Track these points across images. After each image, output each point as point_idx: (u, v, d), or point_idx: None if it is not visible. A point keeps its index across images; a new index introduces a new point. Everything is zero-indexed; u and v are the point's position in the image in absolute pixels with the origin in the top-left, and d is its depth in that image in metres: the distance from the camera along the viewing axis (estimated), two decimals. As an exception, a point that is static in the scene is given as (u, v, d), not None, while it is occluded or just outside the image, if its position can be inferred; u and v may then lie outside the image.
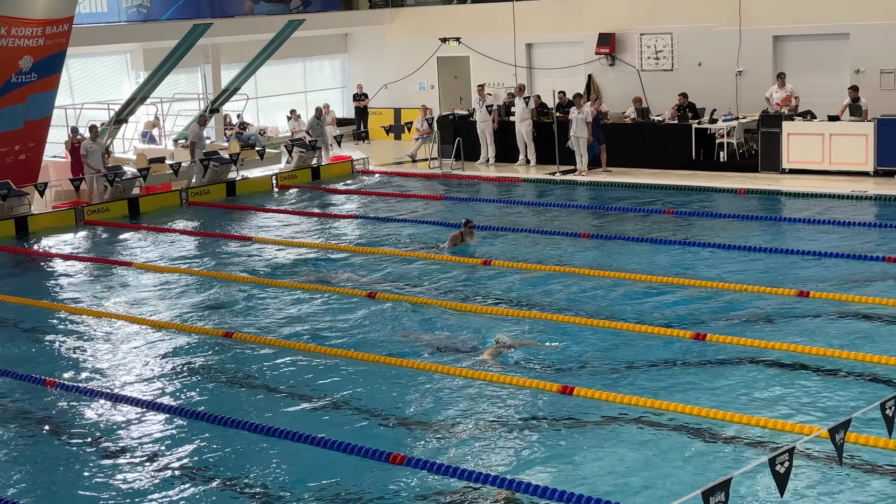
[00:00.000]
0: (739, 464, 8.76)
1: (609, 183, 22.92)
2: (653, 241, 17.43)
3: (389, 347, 12.68)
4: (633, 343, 12.34)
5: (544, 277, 15.46)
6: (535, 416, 10.38)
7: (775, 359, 11.50)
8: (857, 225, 17.75)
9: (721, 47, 25.73)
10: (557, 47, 28.65)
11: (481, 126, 26.11)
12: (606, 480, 8.88)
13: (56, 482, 9.59)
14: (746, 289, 14.23)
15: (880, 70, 23.65)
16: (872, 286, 14.07)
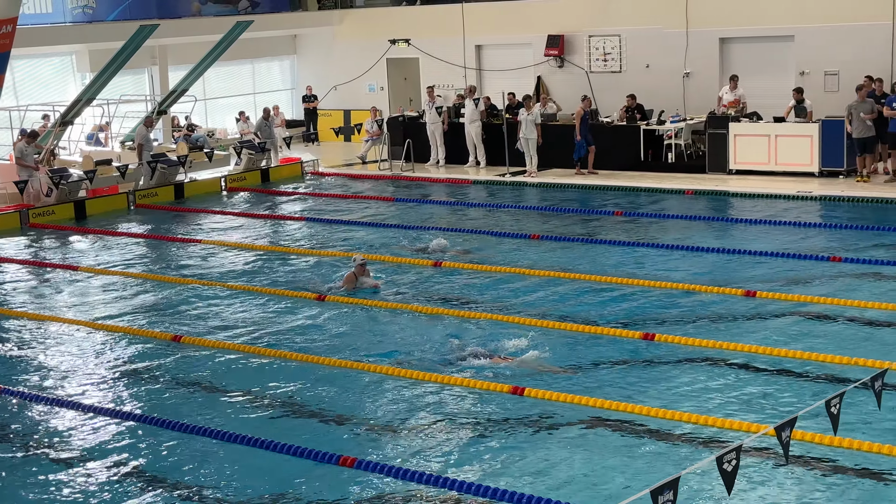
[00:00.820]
0: (688, 463, 8.83)
1: (558, 184, 23.02)
2: (602, 242, 17.53)
3: (338, 350, 12.63)
4: (583, 344, 12.40)
5: (494, 279, 15.49)
6: (486, 418, 10.38)
7: (723, 358, 11.61)
8: (803, 225, 17.96)
9: (668, 49, 25.94)
10: (507, 49, 28.74)
11: (431, 128, 26.12)
12: (557, 480, 8.91)
13: (1, 488, 9.46)
14: (694, 288, 14.35)
15: (824, 72, 23.97)
16: (818, 285, 14.24)
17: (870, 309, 13.00)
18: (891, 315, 12.75)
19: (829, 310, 13.15)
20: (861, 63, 22.92)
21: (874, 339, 12.06)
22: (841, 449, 9.02)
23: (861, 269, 14.90)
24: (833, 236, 17.18)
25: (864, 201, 19.47)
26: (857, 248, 16.10)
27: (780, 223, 18.20)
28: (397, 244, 17.76)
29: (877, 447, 8.94)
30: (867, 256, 15.49)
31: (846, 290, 13.95)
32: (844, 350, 11.54)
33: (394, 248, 17.67)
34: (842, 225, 17.75)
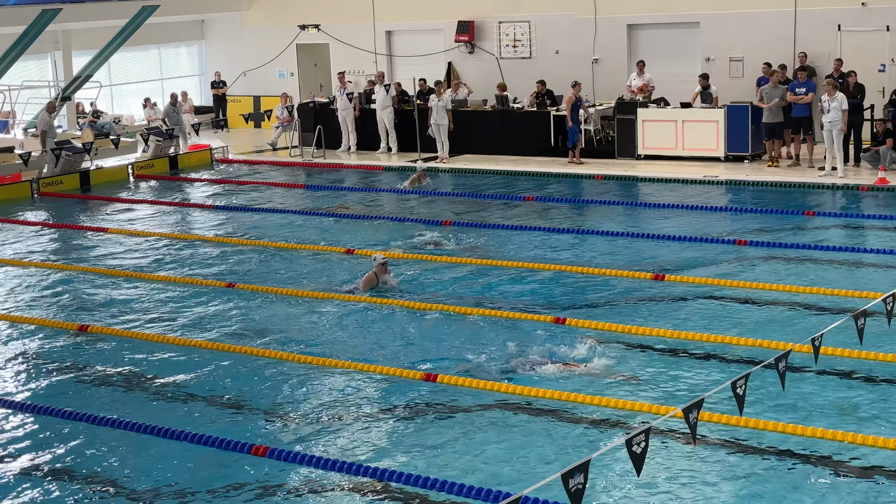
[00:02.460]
0: (599, 446, 8.94)
1: (469, 170, 23.08)
2: (513, 228, 17.62)
3: (250, 338, 12.52)
4: (495, 329, 12.45)
5: (406, 266, 15.48)
6: (398, 404, 10.38)
7: (633, 341, 11.76)
8: (710, 209, 18.27)
9: (577, 35, 26.13)
10: (417, 35, 28.69)
11: (342, 114, 25.98)
12: (469, 465, 8.95)
13: None
14: (605, 272, 14.50)
15: (729, 58, 24.36)
16: (724, 268, 14.49)
17: (775, 291, 13.27)
18: (795, 297, 13.03)
19: (736, 292, 13.38)
20: (764, 49, 23.35)
21: (779, 320, 12.31)
22: (747, 429, 9.20)
23: (766, 253, 15.19)
24: (738, 220, 17.50)
25: (768, 185, 19.86)
26: (761, 232, 16.42)
27: (687, 207, 18.48)
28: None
29: (781, 426, 9.14)
30: (772, 240, 15.80)
31: (752, 273, 14.22)
32: (750, 332, 11.76)
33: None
34: (747, 209, 18.09)
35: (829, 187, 19.46)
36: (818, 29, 23.17)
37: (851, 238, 16.21)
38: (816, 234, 16.30)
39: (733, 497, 8.17)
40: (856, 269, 14.27)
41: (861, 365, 10.55)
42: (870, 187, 18.99)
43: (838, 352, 10.64)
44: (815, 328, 10.74)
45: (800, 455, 8.76)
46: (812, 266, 14.44)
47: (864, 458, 8.65)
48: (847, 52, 22.45)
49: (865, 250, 15.11)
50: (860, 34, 22.83)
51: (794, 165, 21.38)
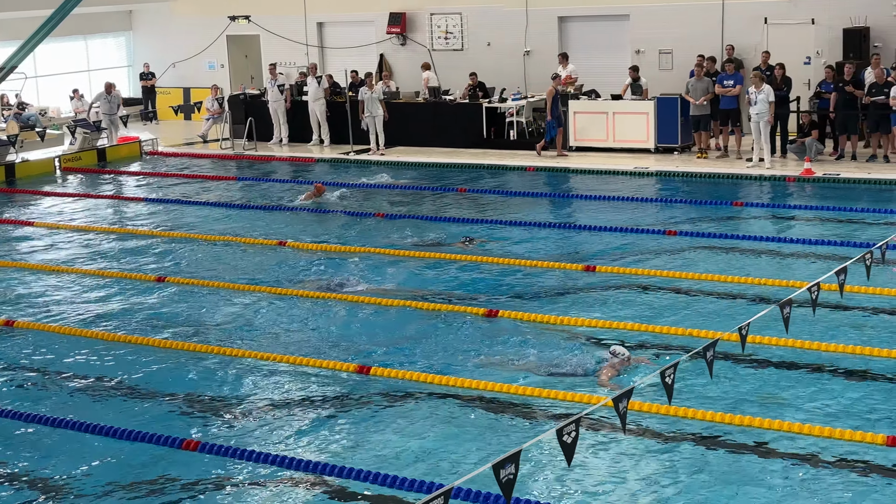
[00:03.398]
0: (530, 436, 8.98)
1: (403, 162, 23.04)
2: (446, 220, 17.63)
3: (181, 332, 12.39)
4: (427, 320, 12.46)
5: (338, 257, 15.43)
6: (333, 397, 10.35)
7: (564, 332, 11.83)
8: (640, 200, 18.44)
9: (509, 27, 26.20)
10: (349, 26, 28.57)
11: (273, 106, 25.79)
12: (402, 457, 8.95)
13: None
14: (536, 264, 14.58)
15: (659, 50, 24.59)
16: (655, 259, 14.64)
17: (704, 281, 13.43)
18: (723, 286, 13.20)
19: (666, 282, 13.53)
20: (693, 42, 23.60)
21: (709, 310, 12.46)
22: (676, 418, 9.31)
23: (695, 243, 15.37)
24: (668, 211, 17.68)
25: (697, 176, 20.09)
26: (691, 222, 16.61)
27: (618, 198, 18.63)
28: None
29: (710, 415, 9.26)
30: (701, 230, 15.99)
31: (681, 263, 14.38)
32: (679, 321, 11.90)
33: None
34: (677, 200, 18.28)
35: (756, 178, 19.75)
36: (745, 22, 23.48)
37: (778, 228, 16.47)
38: (744, 225, 16.54)
39: (664, 485, 8.27)
40: (782, 259, 14.50)
41: (787, 353, 10.72)
42: (796, 178, 19.29)
43: (765, 340, 10.81)
44: (742, 317, 10.88)
45: (728, 443, 8.89)
46: (740, 256, 14.65)
47: (791, 444, 8.79)
48: (774, 44, 22.77)
49: (791, 240, 15.36)
50: (786, 27, 23.18)
51: (723, 157, 21.65)
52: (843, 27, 22.28)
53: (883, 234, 13.79)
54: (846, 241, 14.83)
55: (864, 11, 22.27)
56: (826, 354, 10.67)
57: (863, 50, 21.87)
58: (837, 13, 22.52)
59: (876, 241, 12.24)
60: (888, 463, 8.40)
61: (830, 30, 22.59)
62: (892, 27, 22.19)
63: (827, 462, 8.47)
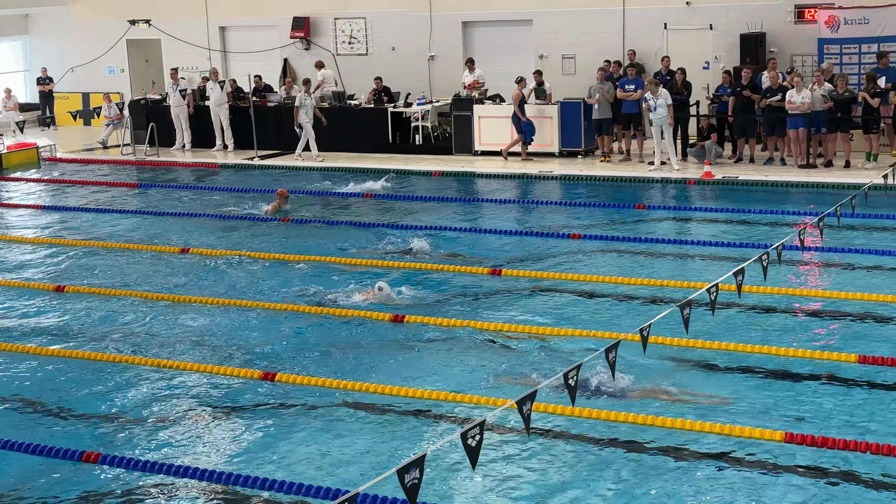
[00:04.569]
0: (436, 440, 8.98)
1: (309, 168, 22.91)
2: (351, 224, 17.56)
3: (81, 341, 12.14)
4: (334, 326, 12.39)
5: (241, 263, 15.27)
6: (238, 405, 10.23)
7: (470, 336, 11.85)
8: (545, 204, 18.58)
9: (414, 32, 26.24)
10: (252, 31, 28.33)
11: (175, 111, 25.45)
12: (307, 464, 8.88)
13: None
14: (442, 268, 14.59)
15: (562, 55, 24.84)
16: (560, 262, 14.76)
17: (607, 283, 13.58)
18: (626, 288, 13.36)
19: (571, 285, 13.65)
20: (595, 47, 23.88)
21: (612, 311, 12.60)
22: (581, 419, 9.39)
23: (599, 246, 15.54)
24: (572, 214, 17.85)
25: (601, 180, 20.32)
26: (595, 226, 16.79)
27: (523, 202, 18.76)
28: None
29: (613, 415, 9.36)
30: (605, 233, 16.17)
31: (586, 265, 14.52)
32: (583, 324, 12.01)
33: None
34: (581, 203, 18.48)
35: (658, 181, 20.05)
36: (646, 27, 23.83)
37: (679, 230, 16.75)
38: (647, 227, 16.77)
39: (568, 486, 8.33)
40: (683, 261, 14.74)
41: (688, 353, 10.89)
42: (696, 181, 19.63)
43: (667, 341, 10.97)
44: (644, 318, 11.02)
45: (631, 443, 8.99)
46: (642, 258, 14.85)
47: (692, 442, 8.92)
48: (673, 49, 23.17)
49: (692, 242, 15.63)
50: (685, 32, 23.59)
51: (626, 160, 21.94)
52: (740, 33, 22.74)
53: (780, 235, 14.10)
54: (745, 243, 15.13)
55: (761, 17, 22.77)
56: (725, 353, 10.86)
57: (759, 55, 22.36)
58: (734, 19, 22.99)
59: (773, 241, 12.50)
60: (787, 461, 8.58)
61: (728, 35, 23.05)
62: (787, 33, 22.73)
63: (729, 459, 8.61)
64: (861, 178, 17.79)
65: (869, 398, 9.64)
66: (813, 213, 15.64)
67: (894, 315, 11.90)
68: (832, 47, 22.00)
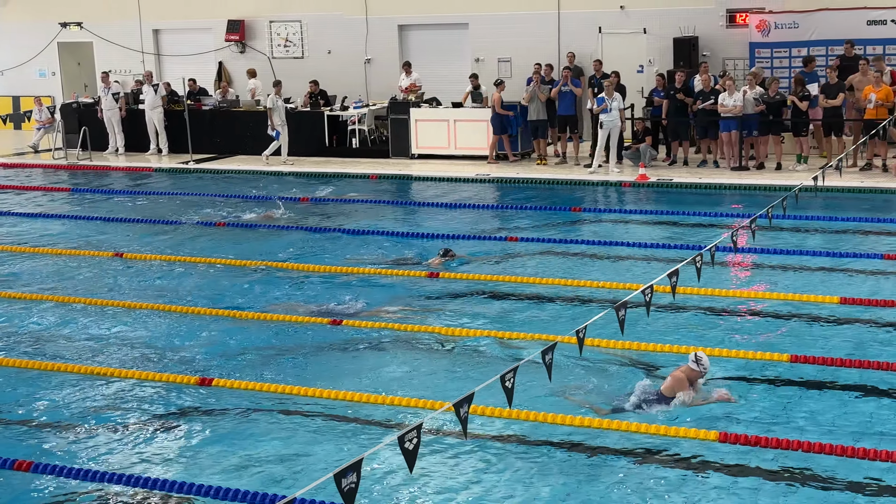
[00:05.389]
0: (373, 444, 8.96)
1: (244, 171, 22.77)
2: (288, 228, 17.48)
3: (10, 348, 11.93)
4: (271, 331, 12.31)
5: (173, 268, 15.13)
6: (173, 411, 10.13)
7: (408, 339, 11.85)
8: (482, 207, 18.65)
9: (349, 35, 26.19)
10: (186, 34, 28.09)
11: (107, 114, 25.16)
12: (244, 470, 8.81)
13: None
14: (378, 272, 14.58)
15: (498, 59, 24.94)
16: (497, 264, 14.80)
17: (544, 285, 13.65)
18: (563, 290, 13.43)
19: (508, 287, 13.70)
20: (531, 50, 24.02)
21: (547, 313, 12.66)
22: (520, 421, 9.43)
23: (536, 248, 15.62)
24: (508, 216, 17.93)
25: (537, 183, 20.43)
26: (532, 228, 16.88)
27: (460, 206, 18.81)
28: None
29: (550, 417, 9.41)
30: (541, 236, 16.27)
31: (523, 268, 14.58)
32: (520, 326, 12.06)
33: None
34: (518, 206, 18.56)
35: (593, 184, 20.21)
36: (581, 31, 24.02)
37: (614, 232, 16.87)
38: (582, 229, 16.89)
39: (506, 488, 8.36)
40: (618, 262, 14.86)
41: (623, 353, 10.98)
42: (631, 184, 19.82)
43: (603, 343, 11.05)
44: (581, 320, 11.09)
45: (568, 444, 9.04)
46: (578, 260, 14.95)
47: (628, 443, 9.00)
48: (608, 53, 23.37)
49: (627, 244, 15.76)
50: (620, 36, 23.81)
51: (562, 163, 22.08)
52: (673, 36, 23.01)
53: (713, 237, 14.27)
54: (679, 244, 15.30)
55: (693, 21, 23.06)
56: (660, 354, 10.96)
57: (692, 58, 22.64)
58: (667, 23, 23.25)
59: (707, 243, 12.65)
60: (722, 459, 8.68)
61: (661, 39, 23.30)
62: (719, 37, 23.04)
63: (664, 459, 8.70)
64: (792, 180, 18.08)
65: (801, 397, 9.78)
66: (745, 214, 15.86)
67: (825, 315, 12.10)
68: (763, 51, 22.35)
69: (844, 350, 10.93)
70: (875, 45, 21.38)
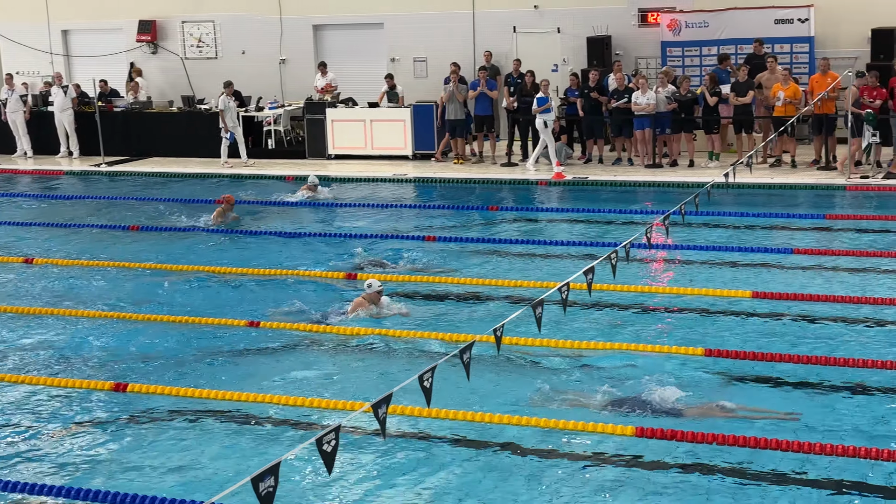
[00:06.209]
0: (292, 447, 8.90)
1: (159, 173, 22.46)
2: (206, 231, 17.25)
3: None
4: (186, 334, 12.17)
5: (88, 273, 14.87)
6: (89, 418, 9.95)
7: (326, 341, 11.79)
8: (400, 207, 18.63)
9: (263, 36, 25.95)
10: (96, 34, 27.55)
11: (12, 117, 24.60)
12: (165, 476, 8.70)
13: None
14: (299, 273, 14.48)
15: (413, 58, 24.93)
16: (415, 264, 14.79)
17: (464, 284, 13.67)
18: (481, 289, 13.47)
19: (427, 287, 13.71)
20: (447, 50, 24.04)
21: (465, 313, 12.69)
22: (439, 420, 9.43)
23: (454, 247, 15.64)
24: (427, 216, 17.94)
25: (455, 182, 20.47)
26: (449, 228, 16.90)
27: (378, 205, 18.76)
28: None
29: (470, 415, 9.44)
30: (459, 234, 16.30)
31: (440, 267, 14.58)
32: (437, 325, 12.07)
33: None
34: (435, 205, 18.58)
35: (510, 183, 20.32)
36: (495, 31, 24.10)
37: (531, 231, 16.98)
38: (500, 228, 16.97)
39: (426, 488, 8.36)
40: (535, 260, 14.95)
41: (541, 351, 11.06)
42: (548, 182, 19.95)
43: (522, 341, 11.11)
44: (498, 318, 11.14)
45: (487, 442, 9.08)
46: (496, 258, 15.01)
47: (544, 440, 9.06)
48: (523, 52, 23.49)
49: (544, 242, 15.87)
50: (534, 36, 23.96)
51: (479, 162, 22.15)
52: (586, 36, 23.20)
53: (629, 234, 14.43)
54: (595, 242, 15.45)
55: (606, 21, 23.28)
56: (576, 351, 11.05)
57: (605, 57, 22.85)
58: (581, 22, 23.44)
59: (622, 240, 12.78)
60: (640, 453, 8.78)
61: (575, 38, 23.48)
62: (631, 36, 23.29)
63: (579, 455, 8.78)
64: (704, 176, 18.35)
65: (717, 391, 9.92)
66: (659, 211, 16.06)
67: (737, 308, 12.31)
68: (674, 50, 22.66)
69: (756, 343, 11.13)
70: (783, 43, 21.80)
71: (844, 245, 15.05)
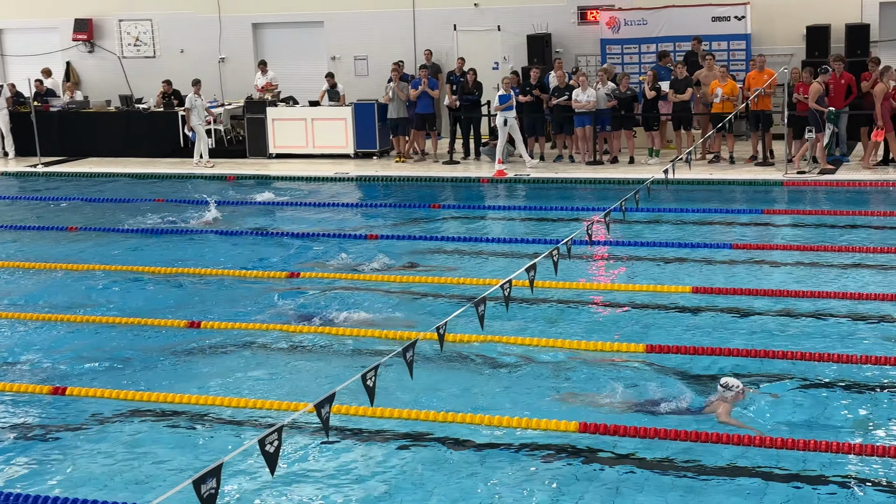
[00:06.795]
0: (234, 448, 8.83)
1: (94, 173, 22.20)
2: (143, 232, 17.09)
3: None
4: (127, 335, 12.03)
5: (22, 274, 14.66)
6: (25, 423, 9.79)
7: (268, 340, 11.72)
8: (341, 205, 18.57)
9: (202, 34, 25.78)
10: (30, 33, 27.20)
11: (-57, 118, 24.21)
12: (104, 480, 8.59)
13: None
14: (238, 274, 14.38)
15: (354, 57, 24.88)
16: (357, 263, 14.73)
17: (407, 283, 13.66)
18: (423, 287, 13.48)
19: (370, 285, 13.67)
20: (388, 48, 24.03)
21: (408, 311, 12.68)
22: (383, 419, 9.41)
23: (396, 246, 15.62)
24: (369, 214, 17.91)
25: (397, 180, 20.45)
26: (391, 226, 16.89)
27: (319, 205, 18.69)
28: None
29: (414, 413, 9.43)
30: (401, 232, 16.28)
31: (384, 265, 14.53)
32: (378, 323, 12.03)
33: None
34: (377, 204, 18.54)
35: (452, 181, 20.34)
36: (436, 28, 24.13)
37: (473, 228, 17.01)
38: (442, 226, 16.98)
39: (371, 486, 8.34)
40: (478, 258, 14.97)
41: (485, 348, 11.08)
42: (489, 180, 20.01)
43: (465, 338, 11.13)
44: (442, 316, 11.14)
45: (431, 439, 9.08)
46: (439, 256, 15.01)
47: (489, 436, 9.08)
48: (463, 50, 23.54)
49: (486, 240, 15.91)
50: (474, 33, 24.01)
51: (421, 160, 22.16)
52: (526, 34, 23.30)
53: (570, 231, 14.52)
54: (536, 239, 15.51)
55: (546, 19, 23.40)
56: (519, 347, 11.09)
57: (546, 55, 22.97)
58: (521, 20, 23.54)
59: (563, 237, 12.85)
60: (582, 448, 8.84)
61: (515, 36, 23.58)
62: (571, 33, 23.44)
63: (526, 450, 8.81)
64: (644, 173, 18.52)
65: (659, 387, 10.00)
66: (600, 208, 16.17)
67: (678, 304, 12.42)
68: (614, 47, 22.85)
69: (697, 338, 11.24)
70: (720, 40, 22.06)
71: (783, 240, 15.26)
